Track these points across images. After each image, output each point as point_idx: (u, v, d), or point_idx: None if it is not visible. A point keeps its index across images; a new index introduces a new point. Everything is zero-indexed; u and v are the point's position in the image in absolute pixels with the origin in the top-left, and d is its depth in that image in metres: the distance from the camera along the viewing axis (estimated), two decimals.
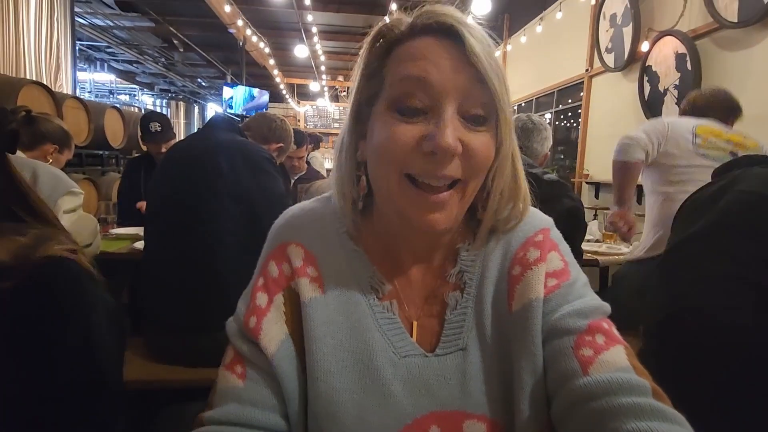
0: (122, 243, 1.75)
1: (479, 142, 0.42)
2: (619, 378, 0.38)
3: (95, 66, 10.76)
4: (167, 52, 10.05)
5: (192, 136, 1.48)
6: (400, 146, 0.41)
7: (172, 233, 1.29)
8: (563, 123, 5.69)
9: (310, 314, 0.46)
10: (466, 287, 0.48)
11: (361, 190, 0.48)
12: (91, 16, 7.64)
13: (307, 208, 0.53)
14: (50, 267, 0.48)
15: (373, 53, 0.45)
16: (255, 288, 0.49)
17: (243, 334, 0.46)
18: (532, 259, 0.47)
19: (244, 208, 1.28)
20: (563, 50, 5.32)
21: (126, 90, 13.45)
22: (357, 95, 0.47)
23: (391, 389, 0.45)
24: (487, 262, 0.49)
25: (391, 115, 0.42)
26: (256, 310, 0.47)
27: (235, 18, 6.63)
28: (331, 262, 0.49)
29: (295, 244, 0.49)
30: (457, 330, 0.47)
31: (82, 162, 3.54)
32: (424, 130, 0.41)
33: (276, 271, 0.49)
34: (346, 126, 0.48)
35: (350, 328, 0.46)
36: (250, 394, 0.44)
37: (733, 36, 3.03)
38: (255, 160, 1.33)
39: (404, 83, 0.41)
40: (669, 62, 3.50)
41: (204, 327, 1.23)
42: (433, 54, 0.41)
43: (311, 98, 12.96)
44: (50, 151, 1.61)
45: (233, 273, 1.24)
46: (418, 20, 0.43)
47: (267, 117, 1.63)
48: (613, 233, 1.86)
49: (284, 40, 9.04)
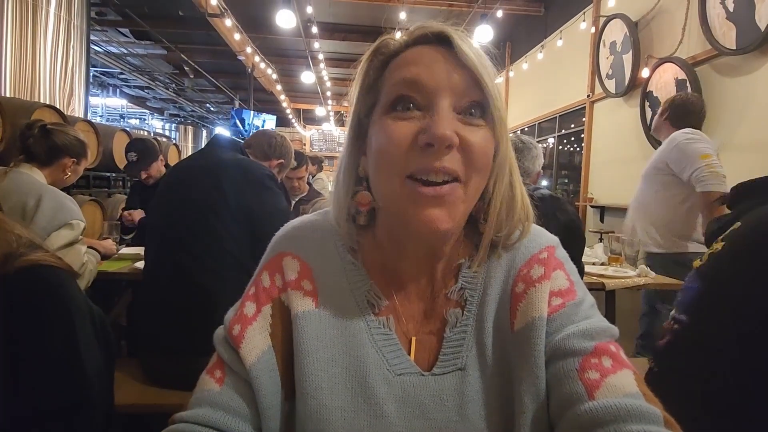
0: (123, 263, 1.74)
1: (477, 137, 0.41)
2: (627, 404, 0.36)
3: (108, 91, 11.07)
4: (178, 78, 10.35)
5: (194, 156, 1.49)
6: (397, 144, 0.41)
7: (171, 253, 1.28)
8: (566, 147, 5.73)
9: (302, 327, 0.45)
10: (467, 304, 0.47)
11: (362, 206, 0.47)
12: (106, 44, 7.92)
13: (307, 220, 0.53)
14: (33, 272, 0.48)
15: (371, 68, 0.47)
16: (246, 296, 0.49)
17: (227, 340, 0.46)
18: (536, 276, 0.46)
19: (245, 227, 1.27)
20: (565, 76, 5.41)
21: (136, 114, 13.78)
22: (356, 110, 0.48)
23: (384, 409, 0.43)
24: (490, 279, 0.47)
25: (387, 118, 0.43)
26: (242, 319, 0.46)
27: (244, 46, 6.84)
28: (327, 275, 0.48)
29: (292, 256, 0.49)
30: (457, 349, 0.45)
31: (89, 184, 3.59)
32: (420, 125, 0.41)
33: (268, 281, 0.49)
34: (347, 142, 0.49)
35: (344, 343, 0.45)
36: (224, 399, 0.43)
37: (732, 63, 3.08)
38: (256, 177, 1.33)
39: (398, 86, 0.42)
40: (669, 88, 3.54)
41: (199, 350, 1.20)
42: (425, 58, 0.43)
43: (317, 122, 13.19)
44: (68, 165, 1.57)
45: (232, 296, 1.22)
46: (412, 34, 0.45)
47: (267, 134, 1.64)
48: (619, 256, 1.83)
49: (291, 67, 9.28)
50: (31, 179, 1.43)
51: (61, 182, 1.57)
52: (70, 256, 1.41)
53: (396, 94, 0.42)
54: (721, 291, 0.68)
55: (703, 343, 0.68)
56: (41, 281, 0.48)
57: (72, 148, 1.56)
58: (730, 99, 3.12)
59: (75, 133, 1.60)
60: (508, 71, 7.08)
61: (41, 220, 1.34)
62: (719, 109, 3.18)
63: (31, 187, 1.40)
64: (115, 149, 3.59)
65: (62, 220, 1.38)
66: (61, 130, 1.56)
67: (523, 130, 6.83)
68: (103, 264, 1.69)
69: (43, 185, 1.44)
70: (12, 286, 0.46)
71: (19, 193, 1.35)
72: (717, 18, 3.08)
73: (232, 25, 6.05)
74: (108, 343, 0.56)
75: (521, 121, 6.76)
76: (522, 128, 6.81)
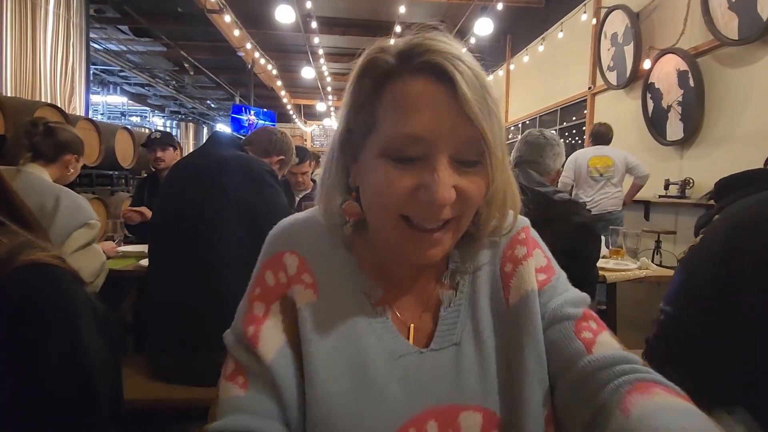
0: (128, 261, 1.76)
1: (472, 185, 0.42)
2: (617, 353, 0.43)
3: (108, 89, 11.07)
4: (178, 75, 10.33)
5: (193, 153, 1.49)
6: (395, 193, 0.41)
7: (175, 251, 1.30)
8: (568, 140, 5.71)
9: (305, 319, 0.47)
10: (460, 286, 0.51)
11: (350, 216, 0.48)
12: (106, 42, 7.92)
13: (302, 217, 0.53)
14: (33, 271, 0.48)
15: (361, 90, 0.44)
16: (252, 297, 0.49)
17: (242, 343, 0.47)
18: (521, 255, 0.51)
19: (247, 224, 1.28)
20: (566, 69, 5.38)
21: (137, 112, 13.78)
22: (345, 123, 0.46)
23: (387, 391, 0.45)
24: (478, 262, 0.51)
25: (385, 161, 0.42)
26: (255, 319, 0.47)
27: (244, 42, 6.82)
28: (325, 269, 0.49)
29: (290, 252, 0.50)
30: (451, 326, 0.49)
31: (93, 182, 3.60)
32: (419, 178, 0.41)
33: (273, 280, 0.49)
34: (333, 149, 0.47)
35: (345, 333, 0.47)
36: (252, 403, 0.44)
37: (734, 53, 3.06)
38: (256, 173, 1.33)
39: (399, 140, 0.41)
40: (671, 79, 3.53)
41: (205, 346, 1.22)
42: (426, 103, 0.40)
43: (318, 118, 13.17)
44: (72, 162, 1.58)
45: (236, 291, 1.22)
46: (409, 55, 0.41)
47: (267, 130, 1.63)
48: (620, 249, 1.84)
49: (291, 63, 9.25)
50: (43, 180, 1.45)
51: (65, 179, 1.59)
52: (91, 257, 1.45)
53: (395, 146, 0.41)
54: (698, 282, 0.71)
55: (684, 332, 0.71)
56: (40, 279, 0.48)
57: (74, 145, 1.59)
58: (731, 89, 3.10)
59: (73, 130, 1.64)
60: (509, 64, 7.05)
61: (62, 221, 1.36)
62: (721, 100, 3.17)
63: (46, 188, 1.42)
64: (117, 147, 3.59)
65: (81, 221, 1.41)
66: (63, 128, 1.60)
67: (525, 123, 6.80)
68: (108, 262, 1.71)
69: (57, 186, 1.46)
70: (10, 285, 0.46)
71: (35, 195, 1.37)
72: (719, 8, 3.06)
73: (231, 21, 6.03)
74: (112, 338, 0.57)
75: (522, 115, 6.73)
76: (523, 121, 6.79)
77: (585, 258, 1.24)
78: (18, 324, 0.46)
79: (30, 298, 0.47)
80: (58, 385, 0.48)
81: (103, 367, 0.52)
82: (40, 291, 0.48)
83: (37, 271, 0.48)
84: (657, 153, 3.77)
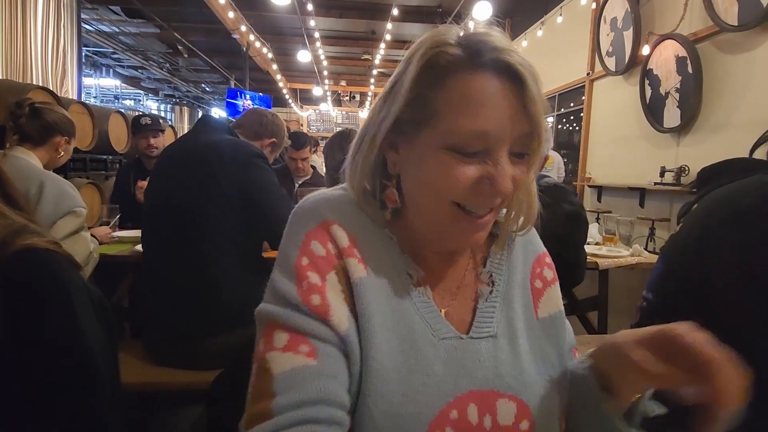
0: (124, 246, 1.76)
1: (522, 175, 0.45)
2: None
3: (101, 71, 10.87)
4: (172, 58, 10.15)
5: (181, 139, 1.46)
6: (458, 185, 0.43)
7: (168, 238, 1.30)
8: (565, 126, 5.70)
9: (361, 293, 0.46)
10: (495, 285, 0.54)
11: (391, 202, 0.49)
12: (98, 23, 7.74)
13: (336, 194, 0.52)
14: (30, 256, 0.49)
15: (423, 79, 0.43)
16: (301, 267, 0.46)
17: (303, 311, 0.43)
18: (549, 278, 0.58)
19: (237, 208, 1.27)
20: (564, 54, 5.33)
21: (131, 95, 13.57)
22: (397, 113, 0.45)
23: (434, 369, 0.47)
24: (512, 268, 0.56)
25: (448, 154, 0.43)
26: (316, 288, 0.44)
27: (239, 24, 6.69)
28: (369, 246, 0.49)
29: (338, 224, 0.49)
30: (489, 318, 0.52)
31: (86, 167, 3.56)
32: (482, 170, 0.43)
33: (322, 250, 0.47)
34: (370, 131, 0.47)
35: (392, 310, 0.48)
36: (326, 369, 0.42)
37: (733, 39, 3.03)
38: (242, 156, 1.31)
39: (466, 136, 0.42)
40: (670, 66, 3.50)
41: (200, 332, 1.24)
42: (493, 101, 0.42)
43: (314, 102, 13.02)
44: (62, 144, 1.53)
45: (230, 278, 1.24)
46: (478, 50, 0.42)
47: (257, 112, 1.60)
48: (614, 236, 1.86)
49: (287, 46, 9.10)
50: (29, 165, 1.42)
51: (55, 162, 1.55)
52: (78, 244, 1.42)
53: (462, 141, 0.42)
54: (677, 270, 0.72)
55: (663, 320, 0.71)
56: (38, 264, 0.49)
57: (63, 126, 1.54)
58: (729, 77, 3.09)
59: (62, 111, 1.58)
60: None
61: (46, 208, 1.33)
62: (719, 87, 3.16)
63: (31, 173, 1.38)
64: (111, 131, 3.54)
65: (66, 208, 1.38)
66: (50, 108, 1.54)
67: None
68: (103, 247, 1.71)
69: (43, 171, 1.42)
70: (8, 270, 0.47)
71: (20, 180, 1.32)
72: None
73: (226, 3, 5.91)
74: (108, 322, 0.57)
75: None
76: None
77: (574, 242, 1.28)
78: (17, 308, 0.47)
79: (28, 283, 0.48)
80: (58, 367, 0.49)
81: (101, 349, 0.53)
82: (38, 276, 0.48)
83: (34, 256, 0.48)
84: (654, 140, 3.77)
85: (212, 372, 1.15)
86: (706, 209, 0.71)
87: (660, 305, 0.73)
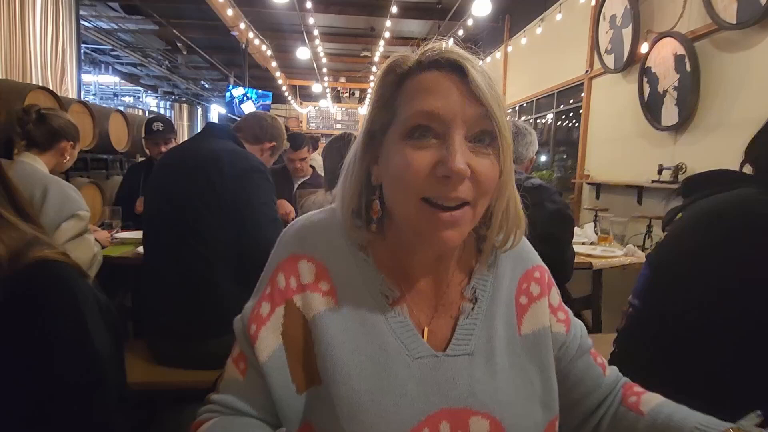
0: (126, 247, 1.79)
1: (485, 165, 0.46)
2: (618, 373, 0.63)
3: (100, 69, 10.84)
4: (171, 55, 10.13)
5: (186, 144, 1.48)
6: (416, 171, 0.45)
7: (168, 242, 1.32)
8: (564, 124, 5.70)
9: (325, 325, 0.49)
10: (478, 302, 0.55)
11: (374, 213, 0.52)
12: (96, 20, 7.72)
13: (316, 219, 0.56)
14: (42, 267, 0.52)
15: (385, 86, 0.49)
16: (262, 295, 0.52)
17: (246, 336, 0.51)
18: (536, 294, 0.58)
19: (232, 217, 1.29)
20: (563, 51, 5.33)
21: (130, 92, 13.54)
22: (369, 124, 0.50)
23: (406, 389, 0.48)
24: (497, 284, 0.56)
25: (405, 143, 0.46)
26: (258, 318, 0.51)
27: (238, 21, 6.68)
28: (342, 273, 0.52)
29: (307, 259, 0.52)
30: (467, 336, 0.53)
31: (88, 166, 3.58)
32: (437, 155, 0.45)
33: (283, 283, 0.51)
34: (357, 150, 0.52)
35: (365, 333, 0.50)
36: (246, 390, 0.51)
37: (731, 37, 3.04)
38: (240, 169, 1.33)
39: (417, 116, 0.45)
40: (668, 64, 3.51)
41: (200, 334, 1.27)
42: (440, 87, 0.45)
43: (313, 99, 13.00)
44: (67, 149, 1.58)
45: (228, 283, 1.27)
46: (425, 56, 0.47)
47: (257, 116, 1.61)
48: (608, 236, 1.88)
49: (286, 42, 9.08)
50: (34, 169, 1.46)
51: (61, 166, 1.60)
52: (81, 247, 1.45)
53: (414, 123, 0.46)
54: (662, 277, 0.75)
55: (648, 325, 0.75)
56: (49, 275, 0.51)
57: (68, 131, 1.58)
58: (727, 75, 3.10)
59: (67, 116, 1.63)
60: (507, 46, 6.96)
61: (49, 212, 1.36)
62: (717, 85, 3.17)
63: (36, 178, 1.42)
64: (111, 131, 3.56)
65: (69, 212, 1.42)
66: (56, 114, 1.58)
67: (522, 106, 6.76)
68: (106, 249, 1.74)
69: (47, 176, 1.46)
70: (23, 281, 0.49)
71: (25, 185, 1.36)
72: None
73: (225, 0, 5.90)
74: (115, 327, 0.60)
75: (519, 98, 6.69)
76: (520, 104, 6.75)
77: (560, 240, 1.31)
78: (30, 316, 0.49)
79: (41, 293, 0.50)
80: (68, 372, 0.51)
81: (108, 354, 0.56)
82: (50, 286, 0.51)
83: (46, 267, 0.51)
84: (651, 138, 3.79)
85: (214, 371, 1.18)
86: (690, 218, 0.73)
87: (647, 312, 0.76)
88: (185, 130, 11.69)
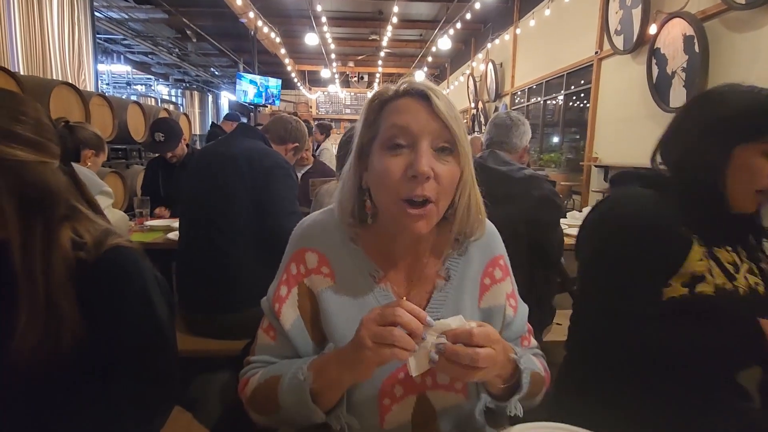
0: (156, 234, 1.94)
1: (446, 170, 0.60)
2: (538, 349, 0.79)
3: (112, 58, 11.00)
4: (181, 43, 10.21)
5: (220, 142, 1.66)
6: (392, 174, 0.59)
7: (202, 228, 1.49)
8: (575, 104, 5.69)
9: (327, 299, 0.66)
10: (450, 279, 0.70)
11: (368, 209, 0.66)
12: (107, 10, 7.83)
13: (318, 220, 0.71)
14: (118, 252, 0.65)
15: (371, 110, 0.64)
16: (281, 281, 0.69)
17: (272, 312, 0.67)
18: (498, 277, 0.73)
19: (257, 207, 1.48)
20: (573, 33, 5.28)
21: (142, 80, 13.71)
22: (360, 139, 0.65)
23: None
24: (467, 267, 0.71)
25: (384, 152, 0.60)
26: (279, 299, 0.67)
27: (246, 8, 6.72)
28: (339, 260, 0.68)
29: (311, 250, 0.68)
30: (439, 306, 0.69)
31: (108, 156, 3.75)
32: (407, 160, 0.59)
33: (295, 270, 0.69)
34: (352, 162, 0.66)
35: (358, 305, 0.66)
36: (278, 350, 0.68)
37: (741, 17, 3.02)
38: (266, 166, 1.51)
39: (392, 129, 0.60)
40: (677, 45, 3.50)
41: (227, 309, 1.46)
42: (411, 108, 0.60)
43: (322, 84, 13.02)
44: (88, 156, 1.84)
45: (249, 261, 1.45)
46: (401, 87, 0.63)
47: (283, 120, 1.82)
48: None
49: (294, 28, 9.10)
50: None
51: None
52: (117, 216, 1.67)
53: (390, 134, 0.60)
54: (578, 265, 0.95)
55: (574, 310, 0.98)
56: (124, 258, 0.64)
57: (91, 141, 1.84)
58: (736, 56, 3.09)
59: (93, 129, 1.89)
60: (516, 28, 6.89)
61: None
62: (725, 66, 3.16)
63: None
64: (129, 121, 3.71)
65: (97, 189, 1.60)
66: (82, 127, 1.86)
67: (531, 88, 6.73)
68: (138, 235, 1.90)
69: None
70: (105, 263, 0.63)
71: None
72: None
73: None
74: (169, 299, 0.74)
75: (529, 80, 6.65)
76: (530, 86, 6.71)
77: (546, 223, 1.40)
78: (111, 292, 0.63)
79: (118, 273, 0.64)
80: (142, 335, 0.66)
81: (168, 320, 0.70)
82: (125, 267, 0.65)
83: (121, 252, 0.65)
84: (659, 119, 3.79)
85: (240, 341, 1.33)
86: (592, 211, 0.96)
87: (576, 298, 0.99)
88: (196, 118, 11.83)
